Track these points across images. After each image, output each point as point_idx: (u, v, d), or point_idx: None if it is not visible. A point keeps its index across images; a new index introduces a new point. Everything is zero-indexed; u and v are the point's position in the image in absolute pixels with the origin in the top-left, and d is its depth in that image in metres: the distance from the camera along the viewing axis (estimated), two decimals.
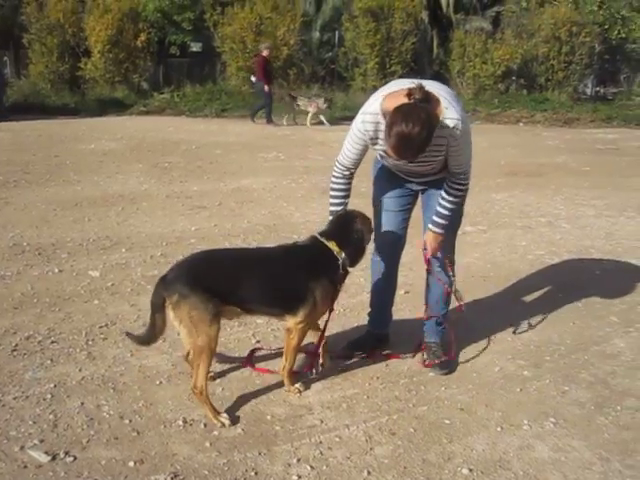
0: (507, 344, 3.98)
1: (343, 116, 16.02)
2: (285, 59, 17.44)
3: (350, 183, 3.45)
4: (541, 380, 3.56)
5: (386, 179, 3.57)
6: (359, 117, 3.15)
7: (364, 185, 8.65)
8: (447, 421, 3.13)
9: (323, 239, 3.24)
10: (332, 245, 3.21)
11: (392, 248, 3.64)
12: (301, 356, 3.51)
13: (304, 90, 17.05)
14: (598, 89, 21.49)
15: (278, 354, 3.56)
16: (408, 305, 4.42)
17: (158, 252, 5.43)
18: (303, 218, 6.75)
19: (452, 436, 3.02)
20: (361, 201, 7.52)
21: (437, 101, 2.95)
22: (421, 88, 2.85)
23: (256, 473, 2.70)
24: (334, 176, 3.42)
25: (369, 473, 2.72)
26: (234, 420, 3.06)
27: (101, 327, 4.00)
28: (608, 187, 8.82)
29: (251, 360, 3.58)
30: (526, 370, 3.66)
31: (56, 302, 4.34)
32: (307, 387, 3.35)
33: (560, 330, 4.22)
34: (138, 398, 3.23)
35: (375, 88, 14.32)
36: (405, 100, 2.84)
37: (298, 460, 2.79)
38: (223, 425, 3.01)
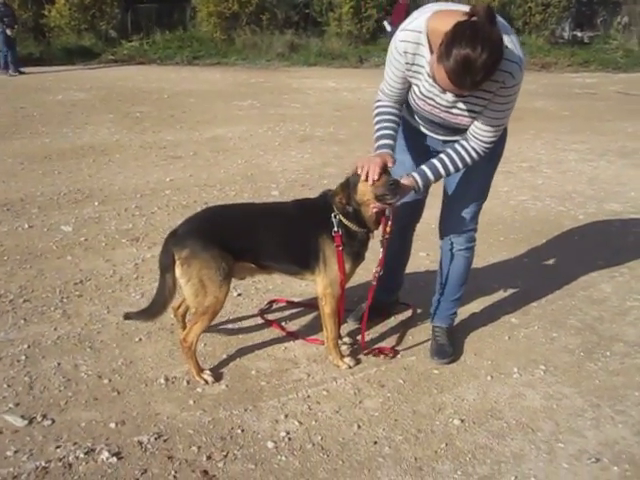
0: (493, 291, 3.91)
1: (318, 62, 15.68)
2: (257, 4, 16.84)
3: (399, 109, 2.86)
4: (529, 327, 3.51)
5: (405, 136, 3.04)
6: (397, 34, 2.60)
7: (342, 132, 8.47)
8: (436, 371, 3.07)
9: (330, 194, 2.93)
10: (334, 201, 2.87)
11: (408, 210, 3.14)
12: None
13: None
14: (575, 33, 21.20)
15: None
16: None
17: (132, 205, 5.24)
18: (281, 167, 6.57)
19: (442, 386, 2.96)
20: (341, 148, 7.43)
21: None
22: (488, 7, 2.30)
23: (242, 430, 2.61)
24: (377, 102, 2.87)
25: (359, 427, 2.65)
26: (218, 377, 2.96)
27: (75, 284, 3.84)
28: (587, 131, 8.74)
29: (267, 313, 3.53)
30: (514, 317, 3.61)
31: (27, 259, 4.16)
32: (357, 362, 3.11)
33: (546, 276, 4.17)
34: (117, 357, 3.11)
35: (350, 33, 13.79)
36: (462, 19, 2.32)
37: (286, 416, 2.71)
38: (206, 382, 2.90)
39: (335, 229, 2.85)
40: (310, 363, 3.11)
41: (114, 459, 2.41)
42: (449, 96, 2.63)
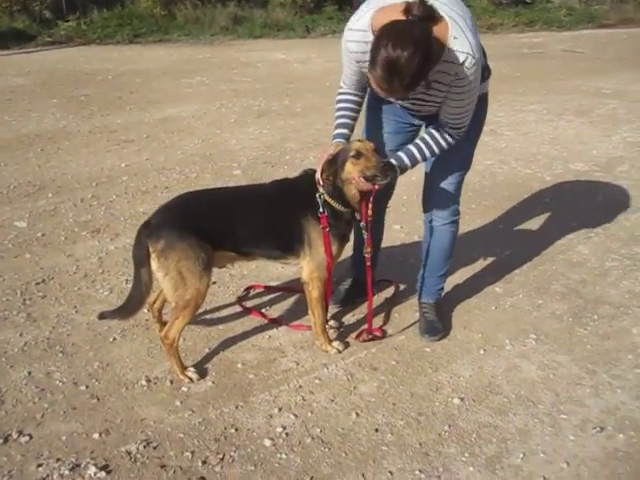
0: (473, 261, 3.84)
1: (264, 34, 15.31)
2: None
3: (360, 95, 2.80)
4: (514, 295, 3.46)
5: (380, 109, 2.92)
6: (344, 34, 2.55)
7: (298, 104, 8.26)
8: (428, 349, 2.98)
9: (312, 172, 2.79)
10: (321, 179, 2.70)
11: (382, 190, 2.82)
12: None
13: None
14: None
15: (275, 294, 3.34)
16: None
17: (89, 194, 4.96)
18: (240, 144, 6.35)
19: (436, 364, 2.87)
20: (298, 122, 7.24)
21: (444, 24, 2.31)
22: (422, 2, 2.22)
23: (236, 429, 2.47)
24: (339, 89, 2.82)
25: (357, 415, 2.55)
26: (202, 373, 2.80)
27: (37, 284, 3.60)
28: (543, 91, 8.74)
29: (244, 301, 3.39)
30: (498, 286, 3.55)
31: None
32: (346, 345, 3.00)
33: (523, 241, 4.13)
34: (91, 360, 2.92)
35: (295, 3, 13.42)
36: (400, 17, 2.24)
37: (279, 409, 2.58)
38: (191, 380, 2.75)
39: (320, 210, 2.70)
40: (297, 350, 2.98)
41: (102, 473, 2.25)
42: None
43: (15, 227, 4.37)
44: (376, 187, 2.62)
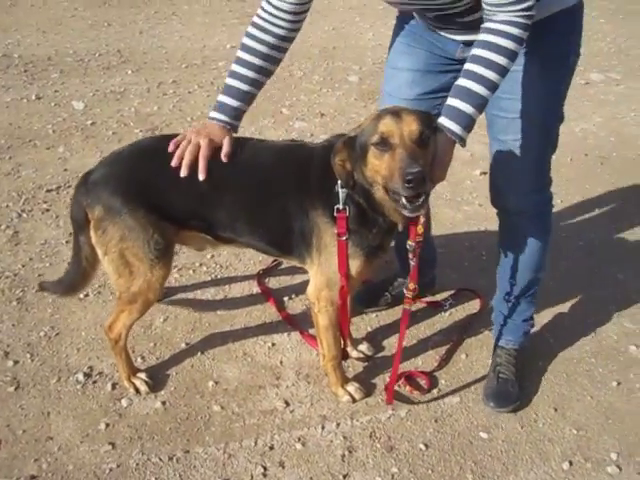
0: (576, 267, 2.64)
1: None
2: None
3: (290, 29, 1.80)
4: None
5: (406, 35, 1.97)
6: None
7: None
8: (484, 435, 1.96)
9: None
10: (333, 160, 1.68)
11: None
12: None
13: None
14: None
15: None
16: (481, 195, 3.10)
17: (170, 78, 4.22)
18: (375, 40, 5.20)
19: (485, 471, 1.85)
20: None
21: None
22: None
23: None
24: (250, 26, 1.83)
25: None
26: (157, 384, 2.05)
27: (49, 191, 2.99)
28: None
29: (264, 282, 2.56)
30: (624, 327, 2.36)
31: (12, 145, 3.34)
32: (366, 393, 2.07)
33: None
34: (44, 321, 2.27)
35: None
36: None
37: None
38: (137, 392, 2.01)
39: (340, 206, 1.70)
40: (298, 380, 2.11)
41: None
42: None
43: (70, 107, 3.76)
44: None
